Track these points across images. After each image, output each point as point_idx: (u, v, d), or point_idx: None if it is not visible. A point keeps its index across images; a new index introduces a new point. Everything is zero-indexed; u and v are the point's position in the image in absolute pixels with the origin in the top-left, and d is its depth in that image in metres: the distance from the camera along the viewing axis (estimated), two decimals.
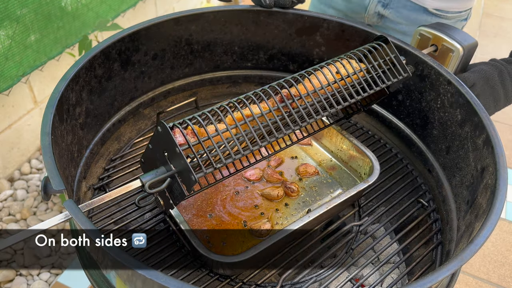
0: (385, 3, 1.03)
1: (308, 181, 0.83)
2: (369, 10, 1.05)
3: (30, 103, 1.61)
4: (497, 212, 0.57)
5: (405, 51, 0.84)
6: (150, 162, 0.60)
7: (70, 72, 0.73)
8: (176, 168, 0.56)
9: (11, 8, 1.29)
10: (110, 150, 0.89)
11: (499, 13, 3.25)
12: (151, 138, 0.58)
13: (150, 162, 0.60)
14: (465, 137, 0.75)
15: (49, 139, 0.60)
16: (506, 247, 1.60)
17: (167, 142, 0.55)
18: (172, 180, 0.57)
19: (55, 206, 1.57)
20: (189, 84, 1.00)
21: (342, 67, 0.70)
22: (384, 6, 1.04)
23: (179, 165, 0.55)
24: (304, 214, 0.70)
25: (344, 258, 0.71)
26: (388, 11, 1.03)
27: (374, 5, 1.05)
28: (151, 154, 0.59)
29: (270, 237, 0.63)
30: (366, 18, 1.09)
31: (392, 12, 1.04)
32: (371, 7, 1.05)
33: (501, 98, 0.83)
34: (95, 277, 0.66)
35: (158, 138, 0.56)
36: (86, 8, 1.59)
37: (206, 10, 0.91)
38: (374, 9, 1.05)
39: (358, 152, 0.82)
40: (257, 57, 1.01)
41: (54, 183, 0.54)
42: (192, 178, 0.54)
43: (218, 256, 0.62)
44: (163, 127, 0.55)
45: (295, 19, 0.93)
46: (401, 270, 0.76)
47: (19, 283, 1.35)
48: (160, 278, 0.45)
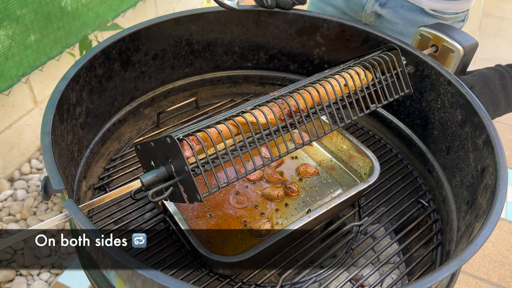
0: (382, 3, 1.03)
1: (308, 181, 0.83)
2: (366, 9, 1.06)
3: (30, 103, 1.61)
4: (497, 212, 0.57)
5: (405, 51, 0.84)
6: (147, 155, 0.60)
7: (70, 71, 0.73)
8: (179, 177, 0.56)
9: (11, 8, 1.29)
10: (110, 150, 0.89)
11: (499, 13, 3.25)
12: (156, 140, 0.58)
13: (147, 155, 0.60)
14: (465, 137, 0.75)
15: (49, 139, 0.60)
16: (506, 247, 1.60)
17: (174, 153, 0.55)
18: (174, 188, 0.57)
19: (55, 206, 1.57)
20: (190, 84, 1.00)
21: (350, 79, 0.71)
22: (382, 5, 1.04)
23: (183, 175, 0.56)
24: (304, 214, 0.70)
25: (344, 258, 0.71)
26: (385, 11, 1.03)
27: (371, 4, 1.05)
28: (151, 150, 0.59)
29: (270, 237, 0.63)
30: (363, 17, 1.10)
31: (389, 12, 1.04)
32: (369, 6, 1.05)
33: (502, 103, 0.83)
34: (95, 277, 0.66)
35: (164, 145, 0.56)
36: (86, 8, 1.59)
37: (206, 10, 0.91)
38: (371, 8, 1.05)
39: (358, 152, 0.82)
40: (257, 57, 1.01)
41: (54, 182, 0.54)
42: (197, 198, 0.55)
43: (218, 256, 0.62)
44: (172, 141, 0.55)
45: (295, 19, 0.94)
46: (401, 271, 0.76)
47: (19, 283, 1.35)
48: (160, 278, 0.45)
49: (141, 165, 0.64)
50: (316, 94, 0.67)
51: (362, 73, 0.72)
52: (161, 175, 0.57)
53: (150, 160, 0.60)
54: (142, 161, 0.63)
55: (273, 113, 0.63)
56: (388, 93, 0.74)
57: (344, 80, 0.70)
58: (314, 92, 0.67)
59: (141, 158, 0.63)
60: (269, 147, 0.63)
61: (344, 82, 0.70)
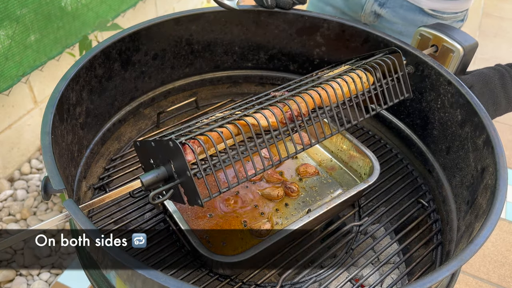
0: (382, 2, 1.03)
1: (308, 181, 0.83)
2: (365, 9, 1.06)
3: (30, 103, 1.61)
4: (497, 212, 0.57)
5: (405, 51, 0.84)
6: (147, 154, 0.60)
7: (70, 71, 0.73)
8: (180, 179, 0.56)
9: (11, 8, 1.29)
10: (110, 150, 0.89)
11: (499, 13, 3.25)
12: (157, 141, 0.58)
13: (147, 154, 0.60)
14: (465, 137, 0.75)
15: (49, 139, 0.60)
16: (506, 247, 1.60)
17: (175, 156, 0.55)
18: (174, 190, 0.57)
19: (55, 206, 1.57)
20: (190, 84, 1.00)
21: (352, 83, 0.71)
22: (381, 5, 1.04)
23: (184, 178, 0.56)
24: (304, 214, 0.70)
25: (344, 258, 0.71)
26: (384, 10, 1.03)
27: (370, 4, 1.05)
28: (151, 149, 0.59)
29: (270, 237, 0.63)
30: (363, 17, 1.10)
31: (389, 12, 1.05)
32: (368, 6, 1.05)
33: (502, 102, 0.83)
34: (95, 277, 0.66)
35: (166, 147, 0.56)
36: (86, 8, 1.59)
37: (206, 10, 0.91)
38: (370, 8, 1.05)
39: (358, 152, 0.82)
40: (257, 57, 1.01)
41: (54, 182, 0.54)
42: (199, 203, 0.55)
43: (218, 256, 0.62)
44: (175, 145, 0.54)
45: (295, 19, 0.94)
46: (401, 271, 0.76)
47: (19, 283, 1.35)
48: (159, 278, 0.45)
49: (140, 162, 0.64)
50: (318, 98, 0.67)
51: (364, 76, 0.73)
52: (161, 175, 0.57)
53: (149, 159, 0.60)
54: (141, 159, 0.63)
55: (274, 115, 0.63)
56: (388, 96, 0.74)
57: (347, 84, 0.70)
58: (316, 96, 0.67)
59: (141, 156, 0.63)
60: (269, 150, 0.63)
61: (347, 87, 0.70)
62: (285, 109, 0.65)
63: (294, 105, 0.65)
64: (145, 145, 0.60)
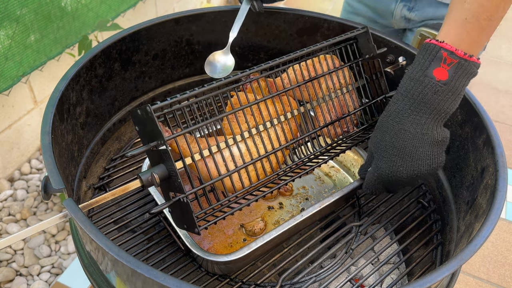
0: (411, 7, 1.03)
1: (302, 180, 0.83)
2: (395, 15, 1.06)
3: (30, 103, 1.61)
4: (497, 212, 0.57)
5: (405, 51, 0.84)
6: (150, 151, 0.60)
7: (70, 71, 0.73)
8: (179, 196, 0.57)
9: (11, 8, 1.29)
10: (110, 150, 0.89)
11: None
12: (155, 152, 0.58)
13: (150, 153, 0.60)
14: (465, 137, 0.75)
15: (49, 138, 0.60)
16: (506, 247, 1.60)
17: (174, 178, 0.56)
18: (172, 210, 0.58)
19: (55, 206, 1.57)
20: (190, 84, 1.00)
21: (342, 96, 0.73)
22: (410, 9, 1.04)
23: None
24: (298, 213, 0.70)
25: (344, 258, 0.71)
26: (413, 14, 1.03)
27: (399, 10, 1.05)
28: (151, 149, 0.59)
29: (263, 236, 0.63)
30: (394, 23, 1.10)
31: (418, 14, 1.04)
32: (397, 12, 1.05)
33: None
34: (95, 277, 0.66)
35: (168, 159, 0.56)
36: (86, 8, 1.59)
37: (206, 10, 0.91)
38: (400, 14, 1.05)
39: (352, 152, 0.82)
40: (257, 57, 1.01)
41: (54, 182, 0.54)
42: (195, 231, 0.56)
43: (212, 255, 0.62)
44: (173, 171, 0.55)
45: (295, 19, 0.94)
46: (401, 271, 0.76)
47: (19, 283, 1.35)
48: (159, 277, 0.45)
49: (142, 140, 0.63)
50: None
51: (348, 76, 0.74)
52: (161, 174, 0.57)
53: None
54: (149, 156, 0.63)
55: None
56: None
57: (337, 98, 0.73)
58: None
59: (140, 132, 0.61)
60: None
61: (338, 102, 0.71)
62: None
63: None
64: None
